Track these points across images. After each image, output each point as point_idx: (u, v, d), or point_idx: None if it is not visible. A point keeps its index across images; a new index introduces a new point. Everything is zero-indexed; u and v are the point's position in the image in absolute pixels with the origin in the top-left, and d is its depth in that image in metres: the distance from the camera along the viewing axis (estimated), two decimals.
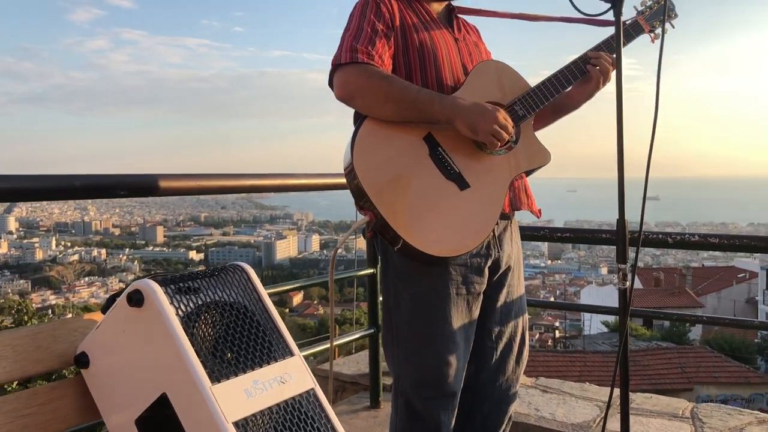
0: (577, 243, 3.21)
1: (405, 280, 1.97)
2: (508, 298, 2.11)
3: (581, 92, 2.14)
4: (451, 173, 1.87)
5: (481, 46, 2.21)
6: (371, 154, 1.83)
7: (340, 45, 1.93)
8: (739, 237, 2.72)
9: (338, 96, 1.90)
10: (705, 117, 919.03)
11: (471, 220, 1.89)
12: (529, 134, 2.04)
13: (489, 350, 2.08)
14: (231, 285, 1.23)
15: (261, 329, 1.21)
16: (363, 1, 2.00)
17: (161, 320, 1.08)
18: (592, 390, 3.41)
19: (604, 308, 2.99)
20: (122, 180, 1.98)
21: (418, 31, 2.00)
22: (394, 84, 1.86)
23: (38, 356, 1.23)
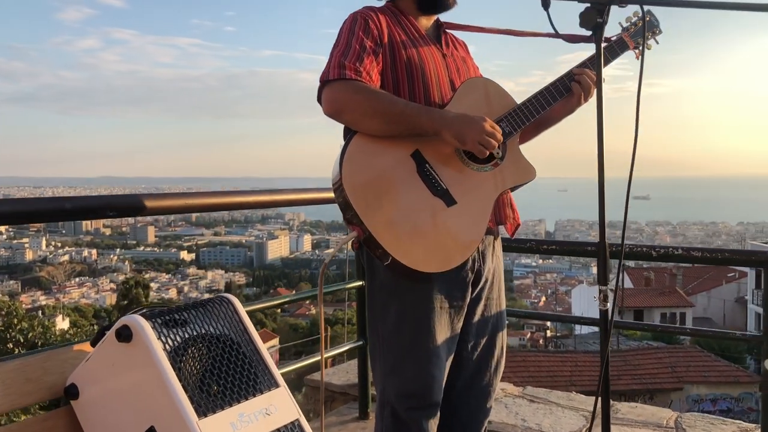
0: (562, 255, 3.25)
1: (391, 294, 2.01)
2: (486, 312, 2.14)
3: (563, 107, 2.17)
4: (438, 189, 1.91)
5: (468, 61, 2.24)
6: (360, 170, 1.86)
7: (328, 61, 1.95)
8: (720, 251, 2.77)
9: (326, 111, 1.93)
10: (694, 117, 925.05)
11: (458, 236, 1.92)
12: (515, 150, 2.07)
13: (465, 361, 2.12)
14: (217, 317, 1.26)
15: (247, 361, 1.24)
16: (352, 18, 2.03)
17: (149, 356, 1.11)
18: (578, 399, 3.45)
19: (587, 319, 3.03)
20: (111, 201, 2.00)
21: (406, 48, 2.03)
22: (381, 98, 1.89)
23: (28, 388, 1.25)
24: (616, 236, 1.93)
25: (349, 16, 2.05)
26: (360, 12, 2.05)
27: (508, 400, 3.43)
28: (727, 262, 2.65)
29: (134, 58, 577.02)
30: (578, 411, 3.27)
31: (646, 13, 2.21)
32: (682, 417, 3.19)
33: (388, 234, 1.83)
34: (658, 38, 2.25)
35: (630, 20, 2.22)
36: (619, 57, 2.19)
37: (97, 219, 1.79)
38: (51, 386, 1.30)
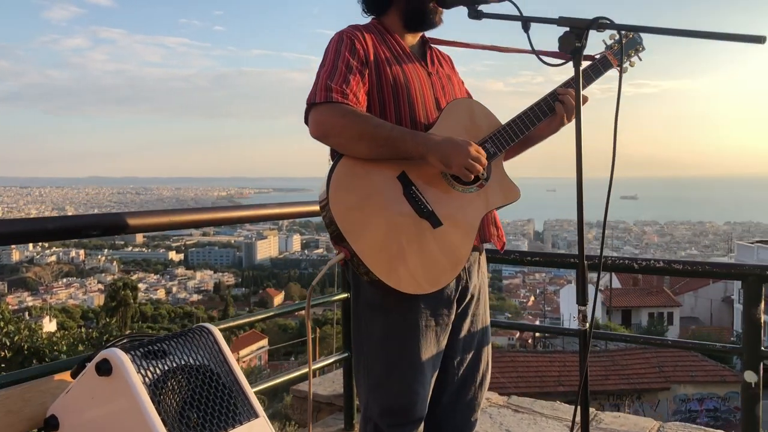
0: (545, 267, 3.27)
1: (375, 311, 2.02)
2: (473, 328, 2.17)
3: (547, 127, 2.19)
4: (424, 211, 1.93)
5: (454, 78, 2.25)
6: (346, 193, 1.87)
7: (314, 83, 1.96)
8: (701, 263, 2.80)
9: (313, 135, 1.94)
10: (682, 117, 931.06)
11: (443, 257, 1.95)
12: (500, 171, 2.10)
13: (451, 376, 2.14)
14: (197, 347, 1.27)
15: (226, 392, 1.26)
16: (337, 38, 2.04)
17: (129, 390, 1.12)
18: (562, 409, 3.48)
19: (570, 330, 3.05)
20: (93, 221, 2.00)
21: (391, 67, 2.04)
22: (368, 122, 1.90)
23: (9, 420, 1.26)
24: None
25: (335, 35, 2.06)
26: (345, 31, 2.06)
27: (493, 410, 3.45)
28: (708, 275, 2.69)
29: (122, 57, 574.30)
30: (562, 421, 3.30)
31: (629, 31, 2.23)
32: (665, 427, 3.22)
33: (374, 256, 1.85)
34: (641, 54, 2.27)
35: (614, 38, 2.24)
36: (602, 75, 2.21)
37: (81, 238, 1.79)
38: (31, 417, 1.31)
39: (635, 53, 2.26)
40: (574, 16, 1.77)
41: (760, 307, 2.65)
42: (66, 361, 1.86)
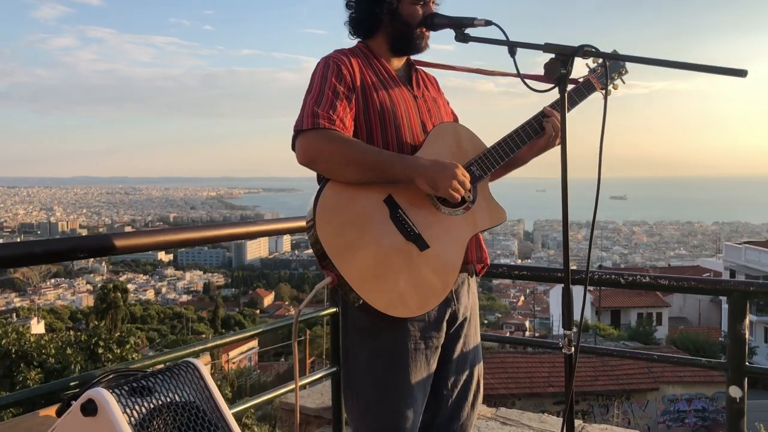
0: (532, 280, 3.29)
1: (364, 334, 2.03)
2: (465, 348, 2.18)
3: (533, 149, 2.20)
4: (411, 234, 1.94)
5: (439, 100, 2.26)
6: (333, 217, 1.88)
7: (301, 109, 1.97)
8: (686, 279, 2.83)
9: (301, 161, 1.95)
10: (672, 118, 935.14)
11: (430, 280, 1.96)
12: (486, 194, 2.11)
13: (445, 398, 2.15)
14: (183, 383, 1.27)
15: (212, 429, 1.26)
16: (324, 63, 2.04)
17: (114, 431, 1.12)
18: (550, 422, 3.50)
19: (552, 344, 3.07)
20: (81, 243, 2.00)
21: (378, 91, 2.05)
22: (355, 147, 1.91)
23: None
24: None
25: (321, 60, 2.07)
26: (332, 56, 2.06)
27: (481, 422, 3.47)
28: (694, 291, 2.71)
29: (111, 56, 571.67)
30: None
31: (613, 53, 2.25)
32: None
33: (361, 280, 1.86)
34: (624, 78, 2.29)
35: (597, 61, 2.25)
36: (586, 98, 2.22)
37: (68, 260, 1.80)
38: None
39: (618, 76, 2.27)
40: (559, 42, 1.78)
41: (744, 323, 2.68)
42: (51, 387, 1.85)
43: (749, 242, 38.69)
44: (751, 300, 2.67)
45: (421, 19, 2.09)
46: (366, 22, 2.12)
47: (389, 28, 2.11)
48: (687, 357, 2.67)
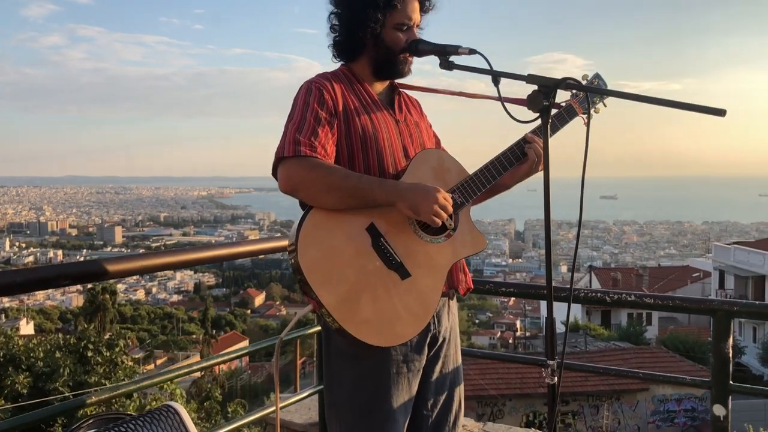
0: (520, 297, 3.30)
1: (347, 360, 2.04)
2: (444, 369, 2.19)
3: (514, 175, 2.21)
4: (392, 263, 1.94)
5: (422, 124, 2.26)
6: (315, 245, 1.88)
7: (283, 135, 1.97)
8: (671, 298, 2.85)
9: (282, 189, 1.95)
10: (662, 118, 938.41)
11: (412, 309, 1.97)
12: (467, 221, 2.11)
13: (425, 418, 2.16)
14: (163, 428, 1.27)
15: None
16: (306, 87, 2.04)
17: None
18: None
19: (537, 360, 3.09)
20: (65, 270, 1.99)
21: (360, 116, 2.06)
22: (335, 174, 1.91)
23: None
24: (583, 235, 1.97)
25: (304, 84, 2.07)
26: (314, 81, 2.06)
27: None
28: (678, 309, 2.73)
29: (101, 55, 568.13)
30: None
31: (594, 77, 2.26)
32: None
33: (342, 309, 1.87)
34: (606, 101, 2.30)
35: None
36: (568, 123, 2.22)
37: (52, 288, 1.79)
38: None
39: (600, 100, 2.28)
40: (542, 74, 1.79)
41: (728, 342, 2.70)
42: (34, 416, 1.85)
43: (738, 243, 38.88)
44: (734, 319, 2.68)
45: (404, 45, 2.10)
46: (349, 46, 2.13)
47: (372, 53, 2.12)
48: (672, 375, 2.68)
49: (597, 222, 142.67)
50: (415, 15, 2.12)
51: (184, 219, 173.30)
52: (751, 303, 2.75)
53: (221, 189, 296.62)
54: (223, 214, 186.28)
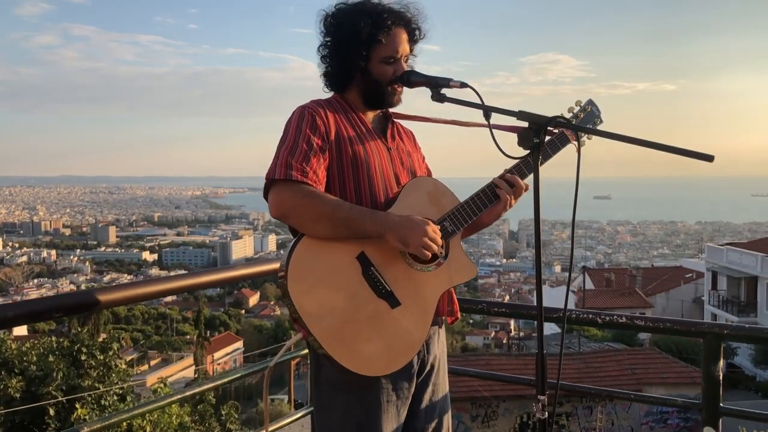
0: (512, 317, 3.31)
1: (335, 389, 2.05)
2: (434, 397, 2.21)
3: (491, 213, 2.20)
4: (382, 292, 1.96)
5: (414, 155, 2.28)
6: (305, 275, 1.89)
7: (275, 158, 1.98)
8: (662, 320, 2.86)
9: (273, 214, 1.97)
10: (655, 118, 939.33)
11: (402, 338, 1.99)
12: (457, 249, 2.12)
13: None
14: None
15: None
16: (299, 113, 2.06)
17: None
18: None
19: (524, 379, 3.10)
20: (57, 303, 1.99)
21: (352, 143, 2.07)
22: (327, 203, 1.93)
23: None
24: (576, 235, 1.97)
25: (297, 110, 2.08)
26: (308, 107, 2.08)
27: None
28: (668, 332, 2.75)
29: (95, 55, 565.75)
30: None
31: (588, 103, 2.28)
32: None
33: (332, 339, 1.88)
34: (599, 127, 2.31)
35: (572, 110, 2.27)
36: (560, 151, 2.23)
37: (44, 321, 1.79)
38: None
39: (593, 125, 2.29)
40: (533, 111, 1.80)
41: (719, 365, 2.71)
42: None
43: (731, 243, 38.99)
44: (725, 342, 2.70)
45: (392, 77, 2.12)
46: (338, 78, 2.15)
47: (361, 85, 2.14)
48: (662, 397, 2.69)
49: (590, 222, 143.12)
50: (402, 47, 2.13)
51: (178, 219, 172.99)
52: (741, 326, 2.76)
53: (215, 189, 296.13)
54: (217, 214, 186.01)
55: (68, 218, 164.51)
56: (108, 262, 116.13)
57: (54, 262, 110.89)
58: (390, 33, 2.10)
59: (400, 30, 2.13)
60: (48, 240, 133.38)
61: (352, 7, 2.12)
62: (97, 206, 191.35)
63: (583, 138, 2.26)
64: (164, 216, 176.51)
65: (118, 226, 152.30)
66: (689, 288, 42.77)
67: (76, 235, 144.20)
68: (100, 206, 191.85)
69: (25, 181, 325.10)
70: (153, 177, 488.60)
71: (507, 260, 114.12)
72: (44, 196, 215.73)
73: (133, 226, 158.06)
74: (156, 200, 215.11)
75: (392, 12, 2.11)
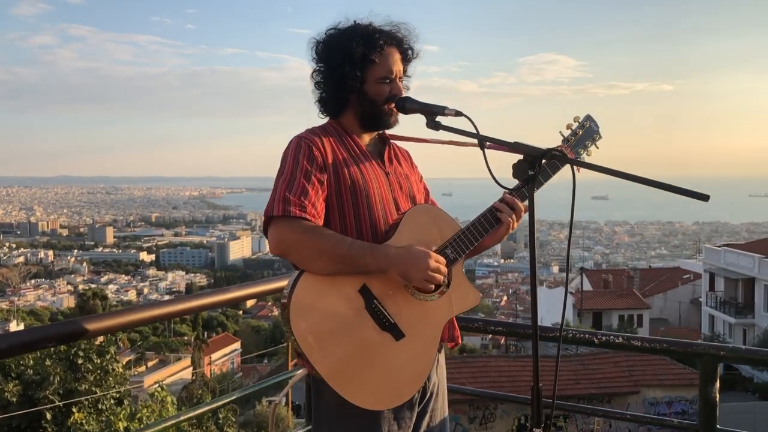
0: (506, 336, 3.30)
1: (337, 419, 2.03)
2: (432, 423, 2.19)
3: (494, 236, 2.18)
4: (386, 324, 1.93)
5: (412, 177, 2.25)
6: (308, 311, 1.87)
7: (273, 193, 1.96)
8: (659, 340, 2.85)
9: (273, 251, 1.95)
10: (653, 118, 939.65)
11: (406, 370, 1.97)
12: (460, 276, 2.10)
13: None
14: None
15: None
16: (296, 144, 2.03)
17: None
18: None
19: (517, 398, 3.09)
20: (49, 333, 1.97)
21: (350, 171, 2.05)
22: (327, 239, 1.91)
23: None
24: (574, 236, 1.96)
25: (293, 140, 2.06)
26: (304, 136, 2.06)
27: None
28: (665, 353, 2.75)
29: (92, 55, 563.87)
30: None
31: (586, 119, 2.26)
32: None
33: (337, 376, 1.87)
34: (598, 143, 2.29)
35: (571, 127, 2.25)
36: (560, 171, 2.20)
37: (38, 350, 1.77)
38: None
39: (592, 143, 2.27)
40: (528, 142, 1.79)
41: (715, 386, 2.70)
42: None
43: (728, 245, 39.02)
44: (721, 363, 2.69)
45: (388, 96, 2.10)
46: (333, 103, 2.13)
47: (357, 107, 2.12)
48: (659, 417, 2.68)
49: (588, 222, 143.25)
50: (396, 67, 2.12)
51: (176, 219, 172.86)
52: (737, 348, 2.75)
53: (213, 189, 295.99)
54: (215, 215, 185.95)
55: (65, 219, 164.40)
56: (105, 263, 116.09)
57: (51, 263, 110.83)
58: (383, 53, 2.09)
59: (393, 50, 2.12)
60: (45, 240, 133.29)
61: (342, 32, 2.11)
62: (95, 207, 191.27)
63: (582, 153, 2.25)
64: (162, 216, 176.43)
65: (116, 227, 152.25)
66: (687, 289, 42.81)
67: (73, 236, 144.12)
68: (98, 207, 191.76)
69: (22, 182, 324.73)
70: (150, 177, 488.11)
71: (505, 261, 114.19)
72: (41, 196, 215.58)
73: (131, 227, 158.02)
74: (153, 201, 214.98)
75: (383, 32, 2.11)
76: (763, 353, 2.66)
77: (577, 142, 2.25)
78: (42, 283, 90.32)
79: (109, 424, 13.14)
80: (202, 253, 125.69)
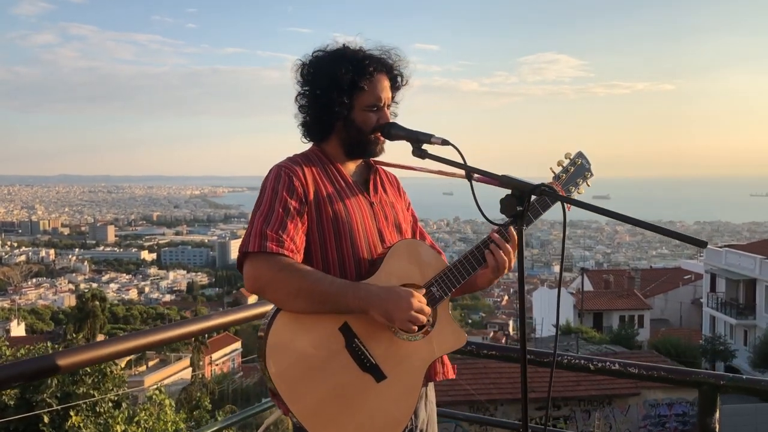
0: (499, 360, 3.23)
1: None
2: None
3: (484, 275, 2.09)
4: (367, 365, 1.85)
5: (398, 205, 2.16)
6: (285, 351, 1.78)
7: (249, 227, 1.88)
8: (656, 368, 2.77)
9: (249, 289, 1.86)
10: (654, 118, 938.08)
11: (388, 412, 1.88)
12: (445, 315, 2.01)
13: None
14: None
15: None
16: (275, 174, 1.94)
17: None
18: None
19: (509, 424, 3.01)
20: (22, 370, 1.89)
21: (332, 202, 1.95)
22: (306, 278, 1.81)
23: None
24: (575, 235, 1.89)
25: (273, 170, 1.97)
26: (284, 166, 1.96)
27: None
28: (663, 380, 2.67)
29: (93, 54, 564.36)
30: None
31: (578, 156, 2.19)
32: None
33: (313, 418, 1.79)
34: (590, 181, 2.22)
35: (562, 164, 2.18)
36: (550, 208, 2.13)
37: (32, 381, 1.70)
38: None
39: (583, 181, 2.21)
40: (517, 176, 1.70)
41: (715, 417, 2.61)
42: None
43: (730, 245, 38.93)
44: (721, 393, 2.60)
45: (376, 126, 2.01)
46: (318, 128, 2.04)
47: (343, 134, 2.03)
48: None
49: (589, 222, 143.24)
50: (384, 94, 2.03)
51: (177, 218, 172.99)
52: (739, 377, 2.65)
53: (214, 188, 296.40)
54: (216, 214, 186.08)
55: (67, 217, 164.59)
56: (107, 262, 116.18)
57: (52, 262, 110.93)
58: (372, 79, 1.99)
59: (382, 76, 2.03)
60: (46, 239, 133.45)
61: (330, 55, 2.01)
62: (96, 205, 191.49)
63: (574, 191, 2.18)
64: (163, 215, 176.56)
65: (117, 226, 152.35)
66: (688, 290, 42.76)
67: (74, 235, 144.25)
68: (99, 205, 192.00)
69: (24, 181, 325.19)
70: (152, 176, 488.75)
71: None
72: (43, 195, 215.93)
73: (132, 226, 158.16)
74: (155, 199, 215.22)
75: (373, 58, 2.01)
76: (765, 383, 2.58)
77: (568, 179, 2.18)
78: (43, 282, 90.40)
79: (107, 427, 13.10)
80: (203, 252, 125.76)
